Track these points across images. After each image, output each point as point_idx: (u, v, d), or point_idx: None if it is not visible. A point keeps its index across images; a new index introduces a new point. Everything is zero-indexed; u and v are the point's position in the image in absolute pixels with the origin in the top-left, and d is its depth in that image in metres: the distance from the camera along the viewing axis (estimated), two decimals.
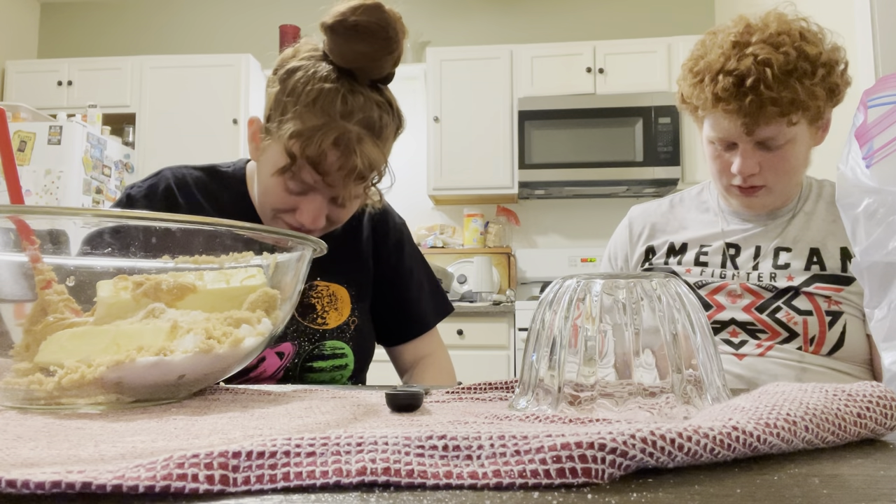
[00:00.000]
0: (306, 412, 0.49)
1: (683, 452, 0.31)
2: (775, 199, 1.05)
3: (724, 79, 0.95)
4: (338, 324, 0.99)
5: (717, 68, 0.97)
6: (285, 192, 0.87)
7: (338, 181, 0.85)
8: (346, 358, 1.00)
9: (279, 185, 0.87)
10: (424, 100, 3.47)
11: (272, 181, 0.87)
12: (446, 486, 0.29)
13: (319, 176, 0.84)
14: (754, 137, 0.98)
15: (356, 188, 0.88)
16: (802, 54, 0.94)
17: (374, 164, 0.85)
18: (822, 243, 1.02)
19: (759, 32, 0.96)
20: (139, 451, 0.34)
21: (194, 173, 1.00)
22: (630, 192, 3.38)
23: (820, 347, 0.97)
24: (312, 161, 0.82)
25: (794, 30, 0.96)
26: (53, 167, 3.04)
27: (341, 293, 1.01)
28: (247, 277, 0.58)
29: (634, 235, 1.19)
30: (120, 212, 0.50)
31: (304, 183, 0.86)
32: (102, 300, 0.54)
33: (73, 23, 3.94)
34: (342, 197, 0.88)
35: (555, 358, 0.48)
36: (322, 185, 0.86)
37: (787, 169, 1.00)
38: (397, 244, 1.09)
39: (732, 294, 1.03)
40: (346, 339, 1.00)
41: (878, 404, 0.39)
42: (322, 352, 0.97)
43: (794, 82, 0.93)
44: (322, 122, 0.82)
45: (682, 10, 3.61)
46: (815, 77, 0.94)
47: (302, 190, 0.86)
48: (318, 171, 0.83)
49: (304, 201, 0.87)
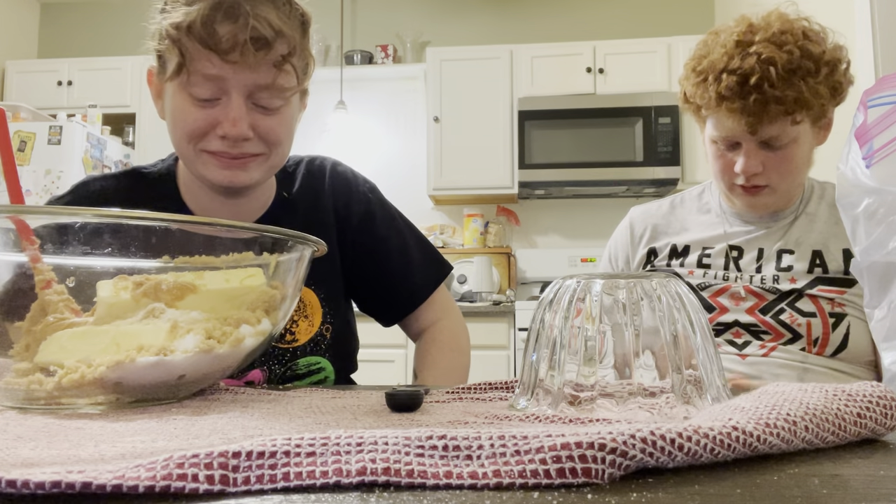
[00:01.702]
0: (306, 412, 0.49)
1: (683, 452, 0.31)
2: (778, 199, 1.05)
3: (727, 78, 0.95)
4: (310, 336, 0.89)
5: (720, 67, 0.96)
6: (195, 107, 0.76)
7: (243, 58, 0.72)
8: (325, 371, 0.91)
9: (186, 101, 0.76)
10: (424, 100, 3.47)
11: (178, 102, 0.76)
12: (446, 486, 0.29)
13: (217, 55, 0.72)
14: (758, 137, 0.98)
15: (272, 73, 0.75)
16: (806, 53, 0.94)
17: (277, 29, 0.73)
18: (824, 245, 1.02)
19: (762, 31, 0.96)
20: (139, 451, 0.34)
21: (116, 183, 0.90)
22: (630, 192, 3.38)
23: (824, 349, 0.97)
24: (201, 38, 0.71)
25: (797, 28, 0.96)
26: (53, 167, 3.04)
27: (310, 298, 0.90)
28: (247, 277, 0.58)
29: (636, 237, 1.18)
30: (119, 212, 0.50)
31: (209, 78, 0.74)
32: (102, 300, 0.54)
33: (73, 23, 3.94)
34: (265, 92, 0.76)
35: (555, 358, 0.48)
36: (229, 72, 0.74)
37: (790, 169, 1.00)
38: (365, 215, 0.97)
39: (735, 296, 1.03)
40: (321, 352, 0.90)
41: (878, 404, 0.39)
42: (296, 371, 0.88)
43: (798, 81, 0.93)
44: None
45: (682, 10, 3.61)
46: (818, 75, 0.94)
47: (211, 94, 0.75)
48: (213, 48, 0.71)
49: (218, 109, 0.76)
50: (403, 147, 3.66)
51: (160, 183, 0.90)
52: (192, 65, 0.73)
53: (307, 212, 0.93)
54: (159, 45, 0.77)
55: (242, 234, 0.57)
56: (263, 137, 0.79)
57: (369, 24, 3.70)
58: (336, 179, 0.98)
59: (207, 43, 0.72)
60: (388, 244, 0.98)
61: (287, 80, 0.78)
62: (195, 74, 0.74)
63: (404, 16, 3.73)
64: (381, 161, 3.63)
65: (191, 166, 0.82)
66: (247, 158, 0.80)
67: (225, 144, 0.77)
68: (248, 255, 0.58)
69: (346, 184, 0.98)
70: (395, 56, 3.60)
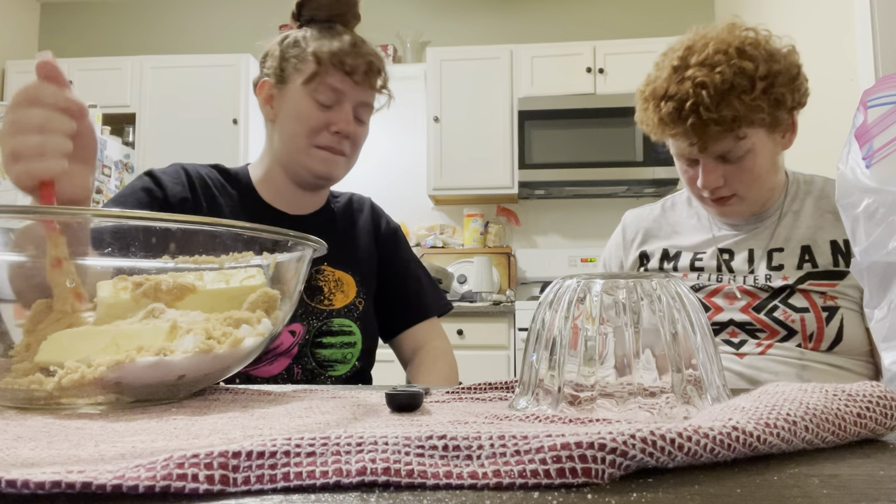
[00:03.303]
0: (306, 412, 0.49)
1: (683, 452, 0.31)
2: (750, 206, 1.06)
3: (665, 105, 0.98)
4: (344, 304, 1.05)
5: (660, 94, 1.00)
6: (317, 109, 0.99)
7: (361, 78, 0.99)
8: (355, 336, 1.05)
9: (310, 104, 0.99)
10: (424, 100, 3.47)
11: (303, 104, 0.99)
12: (446, 486, 0.29)
13: (347, 76, 0.98)
14: (709, 154, 0.99)
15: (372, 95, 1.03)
16: (739, 71, 0.94)
17: (382, 66, 1.02)
18: (812, 240, 1.03)
19: (696, 54, 0.98)
20: (139, 451, 0.34)
21: (205, 169, 1.06)
22: (630, 192, 3.38)
23: (819, 343, 0.97)
24: (340, 61, 0.97)
25: (733, 46, 0.96)
26: None
27: (346, 279, 1.07)
28: (246, 278, 0.58)
29: (627, 240, 1.20)
30: (119, 212, 0.50)
31: (333, 90, 0.98)
32: (102, 300, 0.54)
33: (73, 23, 3.94)
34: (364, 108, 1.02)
35: (555, 358, 0.48)
36: (349, 86, 0.99)
37: (752, 178, 1.01)
38: (394, 238, 1.18)
39: (730, 296, 1.04)
40: (353, 318, 1.06)
41: (878, 404, 0.39)
42: (330, 328, 1.03)
43: (734, 99, 0.94)
44: (331, 38, 0.99)
45: (682, 10, 3.61)
46: (753, 91, 0.95)
47: (331, 101, 0.99)
48: (345, 70, 0.97)
49: (334, 112, 0.99)
50: (403, 147, 3.66)
51: (239, 177, 1.08)
52: (326, 77, 0.98)
53: (345, 223, 1.13)
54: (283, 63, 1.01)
55: (243, 234, 0.57)
56: (353, 140, 1.03)
57: (369, 24, 3.68)
58: (373, 208, 1.20)
59: (339, 64, 0.97)
60: (408, 266, 1.17)
61: (376, 102, 1.06)
62: (324, 84, 0.98)
63: (404, 16, 3.73)
64: (381, 161, 3.63)
65: (298, 157, 1.02)
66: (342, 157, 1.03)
67: (334, 140, 1.00)
68: (249, 254, 0.58)
69: (380, 213, 1.20)
70: (395, 56, 3.60)
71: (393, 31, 3.67)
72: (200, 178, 1.03)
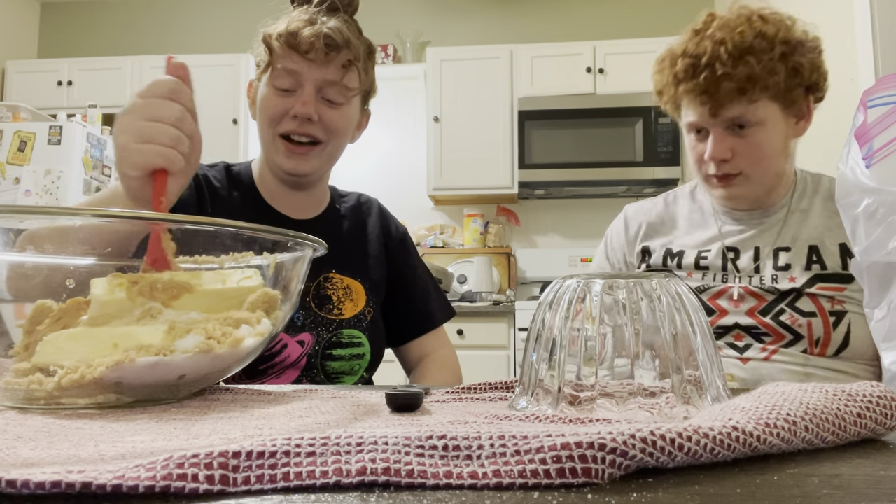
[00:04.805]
0: (306, 412, 0.49)
1: (683, 452, 0.31)
2: (754, 188, 1.04)
3: (682, 61, 0.99)
4: (354, 313, 1.02)
5: (678, 53, 1.01)
6: (276, 96, 0.94)
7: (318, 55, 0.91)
8: (364, 347, 1.02)
9: (270, 92, 0.94)
10: (424, 100, 3.47)
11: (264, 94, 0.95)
12: (446, 486, 0.29)
13: (297, 54, 0.91)
14: (721, 118, 0.99)
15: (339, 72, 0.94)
16: (759, 33, 0.96)
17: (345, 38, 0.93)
18: (819, 240, 1.01)
19: (719, 20, 1.00)
20: (139, 451, 0.34)
21: (211, 171, 1.05)
22: (630, 192, 3.38)
23: (825, 349, 0.95)
24: (287, 41, 0.91)
25: (755, 12, 0.98)
26: (53, 167, 3.04)
27: (356, 286, 1.04)
28: (244, 278, 0.58)
29: (630, 234, 1.18)
30: (119, 212, 0.50)
31: (289, 72, 0.93)
32: (96, 298, 0.53)
33: (73, 23, 3.94)
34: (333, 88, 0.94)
35: (555, 358, 0.48)
36: (305, 66, 0.92)
37: (760, 155, 1.00)
38: (402, 243, 1.14)
39: (735, 298, 1.02)
40: (362, 329, 1.02)
41: (878, 404, 0.39)
42: (340, 339, 1.00)
43: (750, 58, 0.95)
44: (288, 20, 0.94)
45: (682, 10, 3.61)
46: (772, 52, 0.95)
47: (290, 85, 0.93)
48: (295, 48, 0.91)
49: (293, 98, 0.94)
50: (403, 147, 3.66)
51: (241, 176, 1.06)
52: (278, 61, 0.93)
53: (352, 225, 1.10)
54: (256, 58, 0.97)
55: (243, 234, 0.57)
56: (325, 125, 0.96)
57: (369, 25, 3.67)
58: (381, 211, 1.16)
59: (291, 44, 0.91)
60: (416, 272, 1.14)
61: (350, 81, 0.96)
62: (278, 69, 0.93)
63: (404, 16, 3.73)
64: (381, 161, 3.63)
65: (268, 153, 0.99)
66: (308, 147, 0.96)
67: (295, 123, 0.94)
68: (249, 254, 0.58)
69: (388, 217, 1.17)
70: (395, 56, 3.60)
71: (393, 31, 3.67)
72: (207, 180, 1.02)
